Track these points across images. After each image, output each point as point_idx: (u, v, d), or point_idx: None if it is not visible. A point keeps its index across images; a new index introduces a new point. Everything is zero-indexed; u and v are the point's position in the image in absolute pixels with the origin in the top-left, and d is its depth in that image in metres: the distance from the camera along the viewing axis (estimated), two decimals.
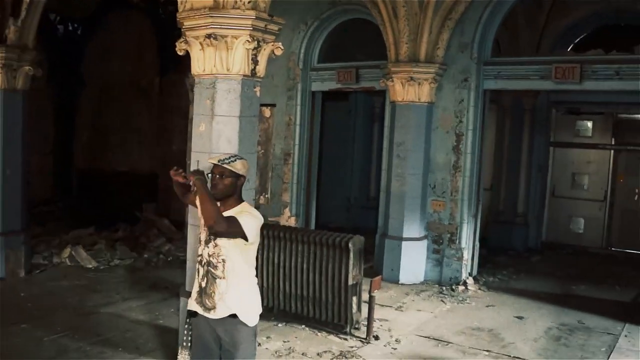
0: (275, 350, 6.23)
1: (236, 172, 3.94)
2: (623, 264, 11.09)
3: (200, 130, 5.64)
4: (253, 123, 5.86)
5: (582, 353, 6.61)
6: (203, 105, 5.61)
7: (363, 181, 14.06)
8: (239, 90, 5.49)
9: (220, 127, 5.52)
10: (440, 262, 9.26)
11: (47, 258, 9.22)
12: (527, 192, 12.04)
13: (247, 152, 5.68)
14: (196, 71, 5.57)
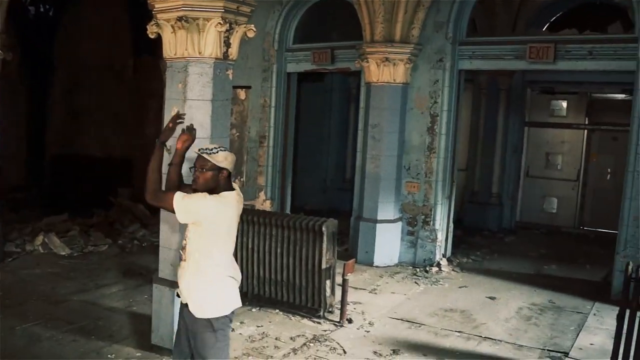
0: (248, 335, 6.24)
1: (217, 165, 3.84)
2: (594, 243, 11.25)
3: (172, 115, 5.58)
4: (226, 107, 5.83)
5: (552, 332, 6.72)
6: (175, 89, 5.58)
7: (339, 163, 14.06)
8: (211, 74, 5.47)
9: (193, 112, 5.49)
10: (414, 243, 9.32)
11: (20, 246, 9.10)
12: (502, 173, 12.14)
13: (219, 137, 5.67)
14: (168, 54, 5.53)
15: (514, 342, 6.40)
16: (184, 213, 3.80)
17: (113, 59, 13.30)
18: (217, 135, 5.63)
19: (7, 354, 5.53)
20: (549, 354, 6.13)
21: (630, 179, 7.83)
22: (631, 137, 7.91)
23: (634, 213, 7.78)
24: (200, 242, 3.86)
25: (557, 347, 6.30)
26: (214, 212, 3.80)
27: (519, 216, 12.77)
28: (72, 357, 5.59)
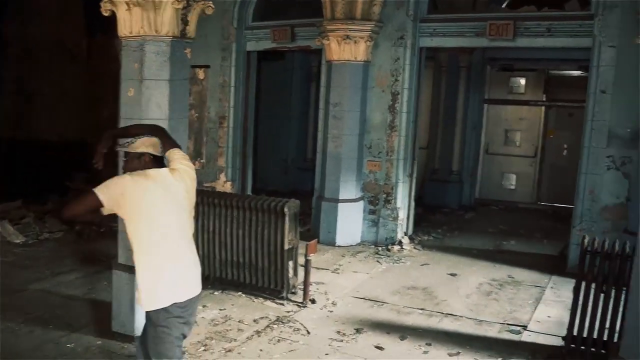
0: (211, 319, 6.18)
1: (136, 152, 3.78)
2: (551, 218, 11.46)
3: (129, 95, 5.46)
4: (184, 86, 5.71)
5: (511, 307, 6.83)
6: (131, 69, 5.43)
7: (300, 143, 13.97)
8: (168, 53, 5.34)
9: (150, 92, 5.37)
10: (376, 222, 9.34)
11: None
12: (462, 150, 12.24)
13: (178, 117, 5.56)
14: (123, 33, 5.37)
15: (474, 317, 6.49)
16: (107, 195, 3.59)
17: (65, 39, 12.91)
18: (175, 117, 5.51)
19: None
20: (508, 327, 6.24)
21: (585, 154, 7.98)
22: (586, 113, 8.05)
23: (589, 187, 7.94)
24: (131, 229, 3.70)
25: (516, 320, 6.42)
26: (131, 188, 3.60)
27: (479, 193, 12.92)
28: (28, 348, 5.43)
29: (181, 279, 3.75)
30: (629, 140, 7.74)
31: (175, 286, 3.71)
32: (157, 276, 3.68)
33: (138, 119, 5.35)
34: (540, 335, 6.04)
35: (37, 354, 5.32)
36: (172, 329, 3.70)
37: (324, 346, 5.66)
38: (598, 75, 7.89)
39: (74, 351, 5.40)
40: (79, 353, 5.36)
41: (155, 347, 3.75)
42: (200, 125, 10.98)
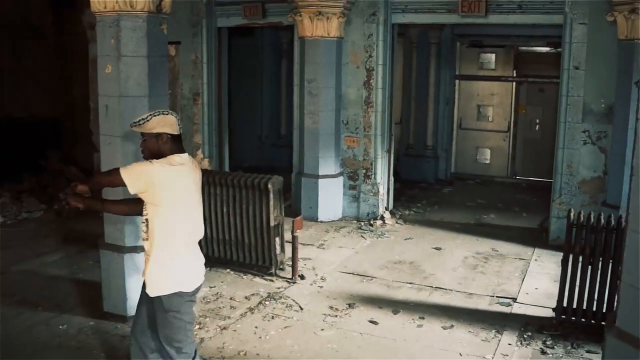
0: (202, 296, 6.17)
1: (153, 132, 3.64)
2: (527, 192, 11.65)
3: (106, 72, 5.36)
4: (163, 63, 5.65)
5: (498, 279, 6.97)
6: (107, 45, 5.32)
7: (273, 119, 13.92)
8: (145, 28, 5.26)
9: (128, 69, 5.28)
10: (357, 198, 9.40)
11: None
12: (436, 125, 12.32)
13: (157, 95, 5.49)
14: (97, 8, 5.26)
15: (463, 290, 6.61)
16: (133, 179, 3.56)
17: (29, 15, 12.49)
18: (155, 94, 5.43)
19: None
20: (498, 300, 6.37)
21: (562, 129, 8.12)
22: (561, 89, 8.17)
23: (567, 162, 8.10)
24: (156, 214, 3.63)
25: (505, 293, 6.55)
26: (159, 175, 3.57)
27: (454, 167, 13.06)
28: (19, 331, 5.35)
29: (198, 263, 3.82)
30: (603, 115, 7.91)
31: (193, 271, 3.77)
32: (176, 261, 3.69)
33: (117, 96, 5.27)
34: (530, 307, 6.19)
35: (28, 337, 5.26)
36: (183, 313, 3.73)
37: (318, 321, 5.72)
38: (571, 52, 7.99)
39: (67, 332, 5.35)
40: (72, 334, 5.32)
41: (167, 332, 3.75)
42: (174, 102, 10.79)
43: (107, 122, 5.33)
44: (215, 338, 5.31)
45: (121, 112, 5.23)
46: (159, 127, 3.64)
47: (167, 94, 5.81)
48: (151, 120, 3.63)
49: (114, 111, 5.27)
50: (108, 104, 5.28)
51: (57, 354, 4.96)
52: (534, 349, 5.29)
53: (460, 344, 5.35)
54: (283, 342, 5.29)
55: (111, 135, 5.32)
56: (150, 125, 3.62)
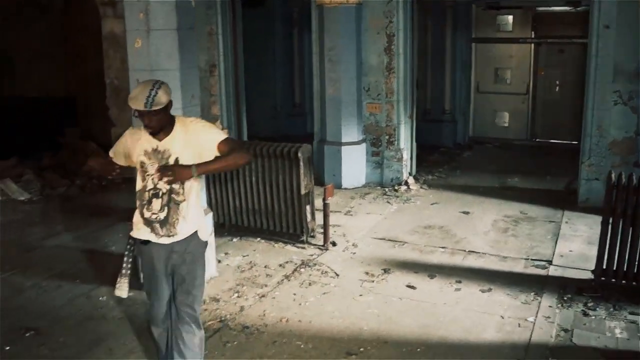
0: (237, 265, 6.18)
1: (165, 105, 3.54)
2: (548, 154, 11.55)
3: (136, 47, 5.29)
4: (192, 35, 5.59)
5: (531, 242, 6.92)
6: (136, 19, 5.24)
7: (287, 88, 13.82)
8: (173, 1, 5.17)
9: (159, 42, 5.21)
10: (380, 164, 9.35)
11: None
12: (453, 90, 12.21)
13: (188, 67, 5.47)
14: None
15: (497, 253, 6.58)
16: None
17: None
18: (185, 66, 5.40)
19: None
20: (533, 262, 6.33)
21: (592, 90, 7.99)
22: (590, 49, 8.02)
23: (597, 123, 7.99)
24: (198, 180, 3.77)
25: (540, 255, 6.51)
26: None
27: (472, 131, 12.96)
28: (61, 303, 5.39)
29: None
30: (635, 75, 7.75)
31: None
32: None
33: (149, 70, 5.22)
34: (567, 269, 6.14)
35: (71, 309, 5.31)
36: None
37: (356, 287, 5.71)
38: (600, 11, 7.81)
39: (108, 304, 5.38)
40: (113, 305, 5.33)
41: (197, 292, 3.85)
42: None
43: None
44: (255, 306, 5.31)
45: None
46: (167, 96, 3.54)
47: (197, 66, 5.74)
48: (159, 94, 3.48)
49: None
50: (139, 78, 5.21)
51: (102, 325, 5.00)
52: (575, 311, 5.25)
53: (500, 307, 5.33)
54: (323, 308, 5.29)
55: None
56: (162, 99, 3.49)
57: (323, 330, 4.91)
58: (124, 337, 4.79)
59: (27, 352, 4.57)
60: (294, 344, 4.69)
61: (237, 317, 5.09)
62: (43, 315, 5.16)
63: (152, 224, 3.65)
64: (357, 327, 4.96)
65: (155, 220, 3.64)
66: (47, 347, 4.65)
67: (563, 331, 4.93)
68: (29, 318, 5.11)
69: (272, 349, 4.61)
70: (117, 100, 10.03)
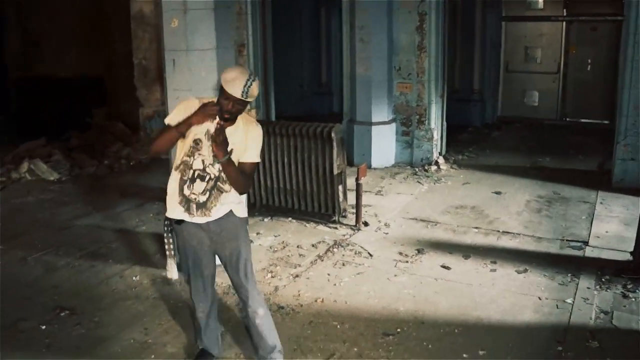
0: (269, 245, 6.14)
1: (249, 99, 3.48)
2: (579, 134, 11.35)
3: (172, 27, 5.23)
4: (227, 14, 5.51)
5: (566, 223, 6.79)
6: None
7: (313, 68, 13.74)
8: None
9: (195, 22, 5.15)
10: (410, 144, 9.25)
11: (4, 174, 8.60)
12: (482, 69, 12.06)
13: (224, 47, 5.41)
14: None
15: (532, 234, 6.46)
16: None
17: None
18: (222, 46, 5.35)
19: (27, 284, 5.32)
20: (568, 243, 6.21)
21: (628, 69, 7.77)
22: (628, 26, 7.80)
23: (634, 102, 7.79)
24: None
25: (575, 236, 6.38)
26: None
27: (501, 111, 12.80)
28: (95, 282, 5.39)
29: None
30: None
31: None
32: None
33: (185, 50, 5.18)
34: (604, 250, 6.00)
35: (105, 288, 5.29)
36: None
37: (390, 267, 5.64)
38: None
39: (142, 283, 5.35)
40: (147, 285, 5.32)
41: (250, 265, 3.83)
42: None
43: (175, 76, 5.25)
44: (289, 286, 5.27)
45: (190, 66, 5.13)
46: (258, 90, 3.49)
47: (232, 46, 5.69)
48: (254, 86, 3.42)
49: (182, 65, 5.17)
50: (175, 58, 5.17)
51: (137, 304, 4.97)
52: (614, 292, 5.13)
53: (537, 288, 5.23)
54: (358, 288, 5.24)
55: (180, 90, 5.23)
56: (256, 92, 3.45)
57: (359, 311, 4.85)
58: (160, 316, 4.76)
59: (62, 332, 4.55)
60: (331, 324, 4.64)
61: (272, 297, 5.05)
62: (77, 295, 5.14)
63: (189, 203, 3.60)
64: (393, 307, 4.90)
65: (194, 200, 3.59)
66: (82, 326, 4.63)
67: (602, 313, 4.82)
68: (63, 297, 5.10)
69: (308, 329, 4.56)
70: (145, 81, 10.04)
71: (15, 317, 4.71)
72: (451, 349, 4.31)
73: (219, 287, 4.85)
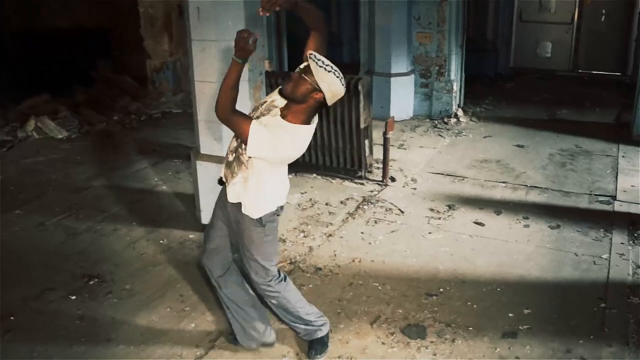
0: (297, 203, 5.99)
1: (315, 86, 3.09)
2: (593, 86, 11.16)
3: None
4: None
5: (591, 177, 6.70)
6: None
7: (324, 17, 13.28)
8: None
9: None
10: (429, 96, 9.04)
11: (10, 133, 8.23)
12: (496, 18, 11.74)
13: None
14: None
15: (559, 189, 6.37)
16: (264, 152, 3.14)
17: None
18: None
19: (49, 251, 5.10)
20: (597, 198, 6.12)
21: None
22: None
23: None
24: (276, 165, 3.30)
25: (602, 191, 6.30)
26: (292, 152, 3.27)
27: (513, 62, 12.54)
28: (121, 247, 5.18)
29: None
30: None
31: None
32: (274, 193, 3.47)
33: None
34: (632, 204, 5.92)
35: (133, 252, 5.09)
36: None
37: (423, 224, 5.53)
38: None
39: (170, 247, 5.17)
40: (176, 248, 5.14)
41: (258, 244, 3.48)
42: None
43: (200, 26, 4.96)
44: (323, 246, 5.14)
45: (216, 15, 4.86)
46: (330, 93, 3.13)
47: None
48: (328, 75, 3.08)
49: (208, 14, 4.89)
50: (200, 7, 4.89)
51: (168, 269, 4.80)
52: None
53: (572, 244, 5.15)
54: (394, 247, 5.12)
55: (205, 40, 4.97)
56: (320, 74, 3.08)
57: (398, 271, 4.75)
58: (193, 282, 4.57)
59: (94, 301, 4.35)
60: (371, 285, 4.54)
61: (308, 258, 4.93)
62: (103, 261, 4.92)
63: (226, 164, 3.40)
64: (431, 266, 4.81)
65: (226, 159, 3.39)
66: (114, 295, 4.44)
67: (639, 268, 4.75)
68: (89, 264, 4.88)
69: (349, 291, 4.46)
70: (152, 31, 9.70)
71: (42, 287, 4.51)
72: (496, 309, 4.23)
73: None
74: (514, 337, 3.92)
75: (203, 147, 5.31)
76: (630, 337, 3.90)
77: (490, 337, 3.92)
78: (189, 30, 5.05)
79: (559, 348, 3.80)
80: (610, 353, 3.76)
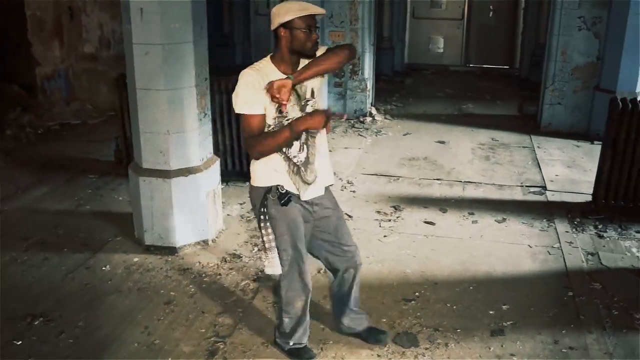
0: (239, 215, 5.70)
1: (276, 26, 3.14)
2: (485, 79, 11.67)
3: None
4: None
5: (516, 169, 6.98)
6: None
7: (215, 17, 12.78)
8: None
9: None
10: (343, 95, 9.02)
11: None
12: (391, 15, 11.92)
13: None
14: None
15: (491, 182, 6.58)
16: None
17: None
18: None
19: None
20: (529, 189, 6.37)
21: (557, 16, 8.02)
22: None
23: (562, 48, 8.04)
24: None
25: (531, 181, 6.58)
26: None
27: (407, 58, 12.81)
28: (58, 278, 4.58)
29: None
30: (599, 1, 7.84)
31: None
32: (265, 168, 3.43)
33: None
34: (562, 194, 6.24)
35: (73, 284, 4.50)
36: None
37: (375, 228, 5.45)
38: None
39: (116, 274, 4.65)
40: (123, 275, 4.63)
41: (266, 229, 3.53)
42: None
43: (143, 28, 4.54)
44: None
45: (161, 15, 4.48)
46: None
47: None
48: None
49: (152, 16, 4.50)
50: (143, 7, 4.48)
51: (121, 299, 4.32)
52: (590, 234, 5.33)
53: (523, 236, 5.30)
54: None
55: (148, 44, 4.57)
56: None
57: (367, 278, 4.57)
58: (154, 310, 4.15)
59: (45, 344, 3.78)
60: None
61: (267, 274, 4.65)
62: (43, 297, 4.32)
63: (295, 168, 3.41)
64: (399, 270, 4.73)
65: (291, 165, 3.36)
66: (68, 334, 3.88)
67: (590, 255, 4.98)
68: (26, 302, 4.25)
69: (325, 304, 4.24)
70: (41, 35, 8.88)
71: None
72: (476, 308, 4.23)
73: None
74: (502, 334, 3.93)
75: (145, 161, 4.89)
76: (605, 322, 4.04)
77: (480, 337, 3.90)
78: (128, 33, 4.62)
79: (546, 340, 3.86)
80: (593, 340, 3.86)
